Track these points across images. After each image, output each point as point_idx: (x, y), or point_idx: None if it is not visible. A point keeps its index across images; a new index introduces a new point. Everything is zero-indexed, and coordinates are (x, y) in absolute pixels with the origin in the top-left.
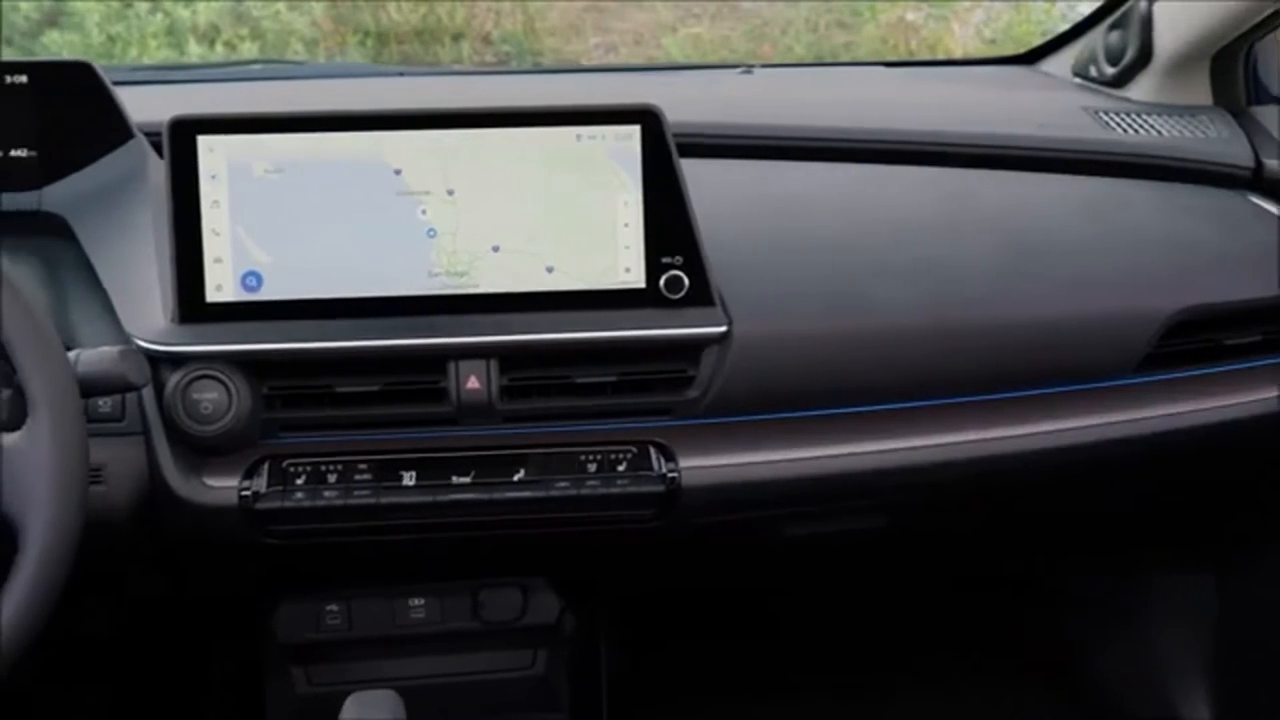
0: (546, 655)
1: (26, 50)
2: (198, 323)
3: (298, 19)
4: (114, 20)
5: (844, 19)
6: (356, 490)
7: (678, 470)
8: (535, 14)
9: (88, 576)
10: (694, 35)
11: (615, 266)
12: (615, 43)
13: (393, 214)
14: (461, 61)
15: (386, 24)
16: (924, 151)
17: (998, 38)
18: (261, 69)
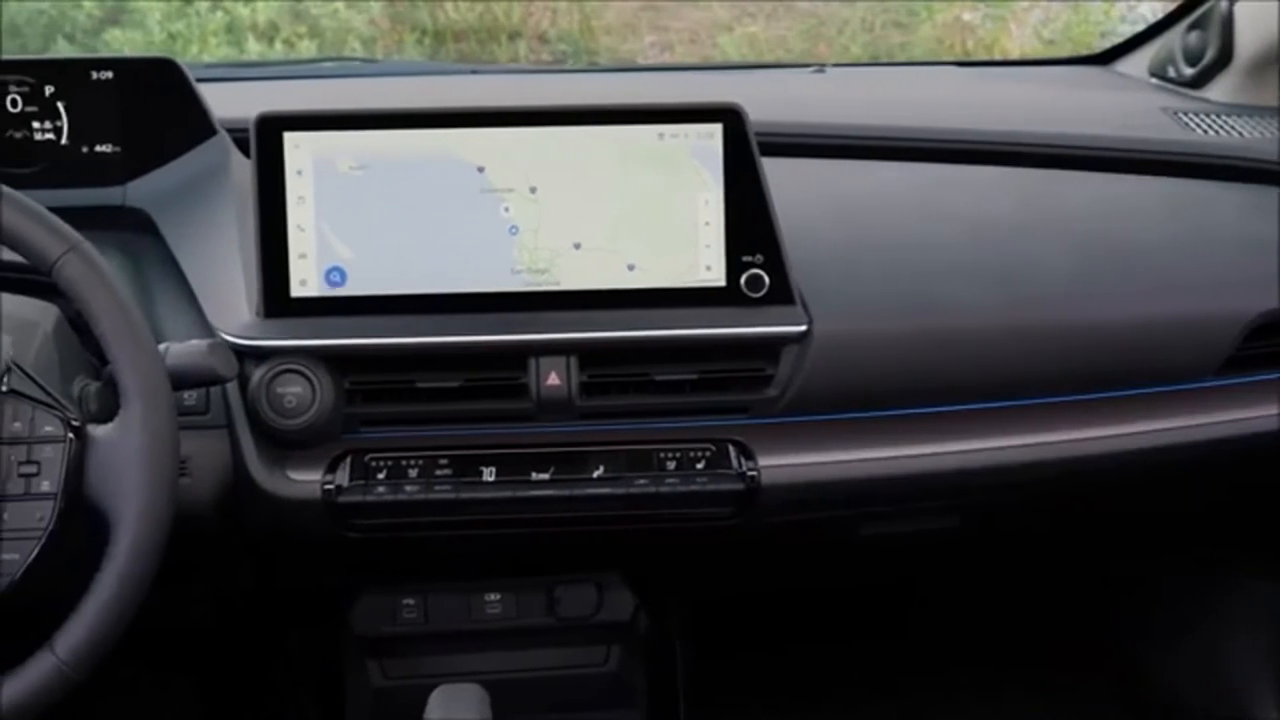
0: (620, 652)
1: (89, 47)
2: (282, 317)
3: (355, 17)
4: (175, 18)
5: (900, 19)
6: (437, 485)
7: (757, 469)
8: (591, 13)
9: (171, 568)
10: (749, 34)
11: (696, 265)
12: (671, 41)
13: (475, 211)
14: (518, 60)
15: (443, 22)
16: (1002, 152)
17: (1056, 38)
18: (334, 66)
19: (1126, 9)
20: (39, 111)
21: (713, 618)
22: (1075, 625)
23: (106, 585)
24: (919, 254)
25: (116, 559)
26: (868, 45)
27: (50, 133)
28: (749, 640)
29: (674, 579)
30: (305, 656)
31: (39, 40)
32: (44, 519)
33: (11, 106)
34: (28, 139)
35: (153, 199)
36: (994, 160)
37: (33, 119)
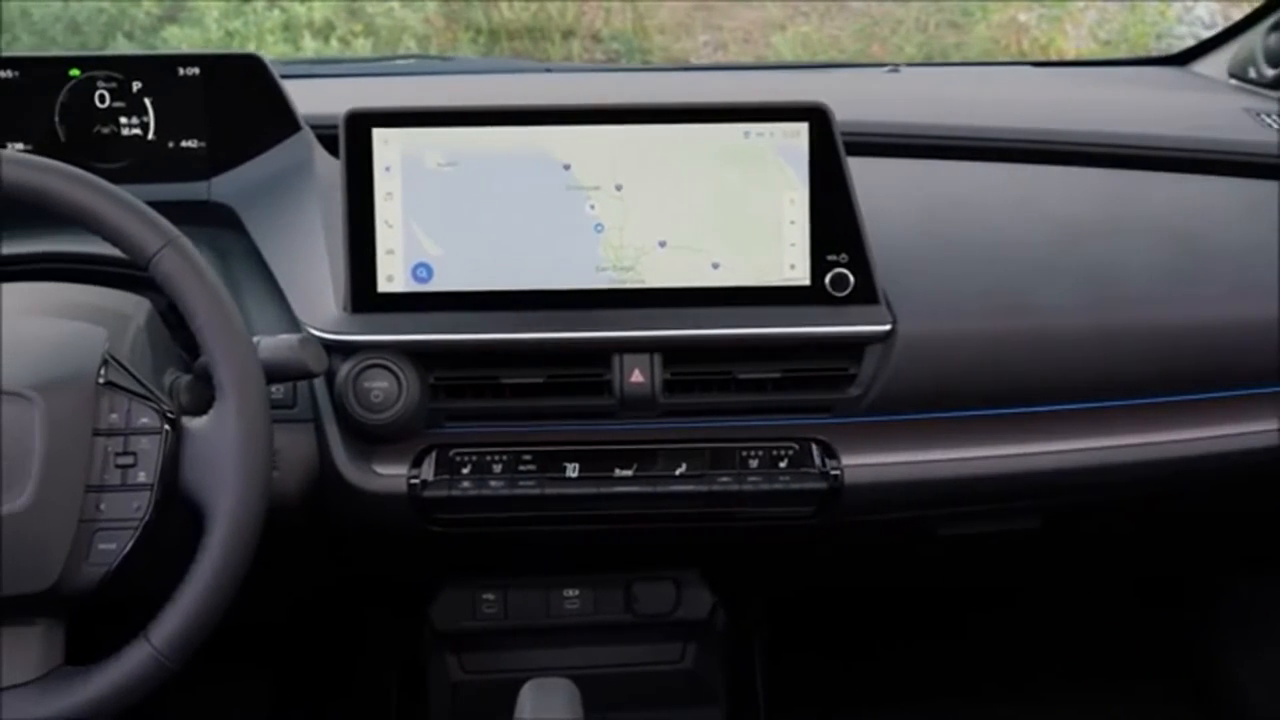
0: (696, 649)
1: (147, 44)
2: (369, 313)
3: (410, 15)
4: (232, 16)
5: (954, 19)
6: (521, 481)
7: (840, 468)
8: (645, 12)
9: (257, 561)
10: (803, 34)
11: (780, 263)
12: (724, 40)
13: (561, 208)
14: (571, 58)
15: (498, 21)
16: (1083, 152)
17: (1112, 39)
18: (409, 64)
19: (1183, 10)
20: (126, 107)
21: (789, 617)
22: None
23: (202, 576)
24: (1003, 254)
25: (212, 550)
26: (922, 45)
27: (137, 128)
28: (825, 640)
29: (752, 577)
30: (387, 651)
31: (98, 38)
32: (140, 509)
33: (99, 102)
34: (115, 134)
35: (237, 194)
36: (1075, 161)
37: (120, 114)
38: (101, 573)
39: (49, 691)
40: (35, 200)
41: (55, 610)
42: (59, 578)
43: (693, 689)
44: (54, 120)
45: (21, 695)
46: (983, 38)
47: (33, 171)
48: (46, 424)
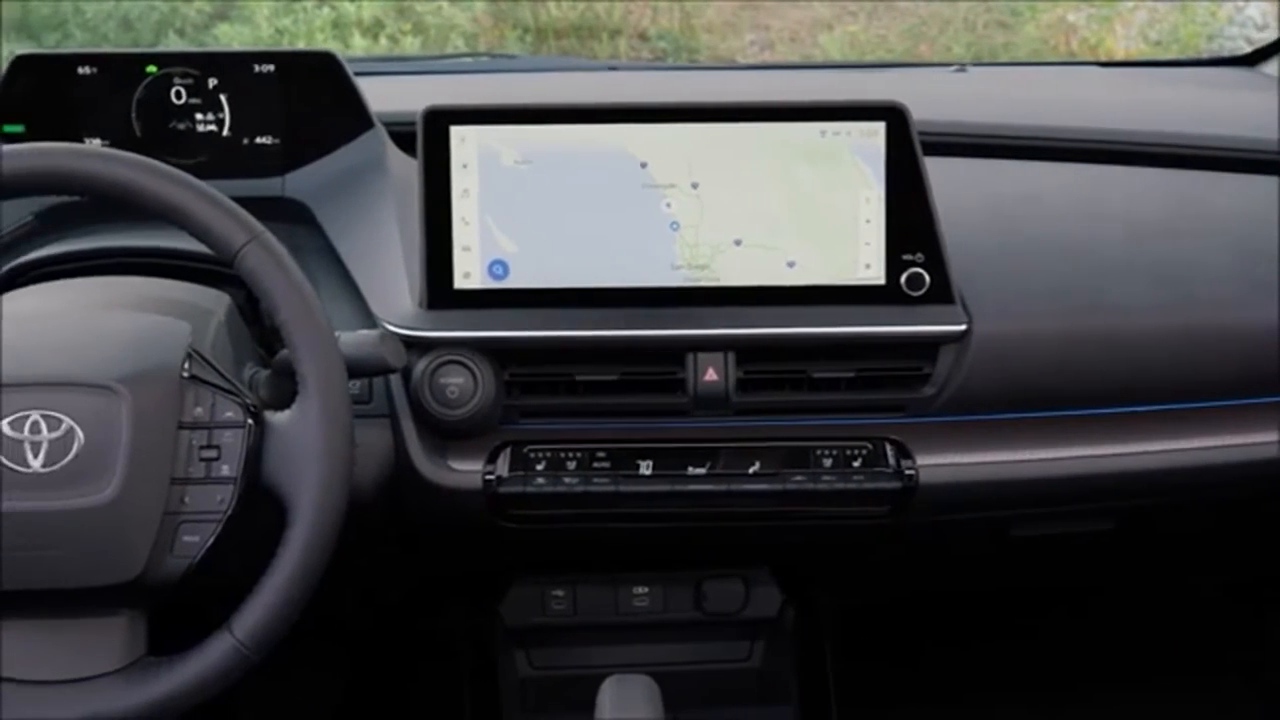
0: (764, 648)
1: (198, 42)
2: (445, 309)
3: (459, 14)
4: (282, 14)
5: (1003, 18)
6: (595, 478)
7: (915, 467)
8: (692, 11)
9: (334, 556)
10: (850, 33)
11: (855, 262)
12: (771, 40)
13: (638, 206)
14: (618, 57)
15: (545, 20)
16: (1152, 153)
17: (1162, 39)
18: (474, 61)
19: (1234, 10)
20: (202, 103)
21: (858, 615)
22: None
23: (283, 569)
24: (1077, 254)
25: (294, 543)
26: (970, 45)
27: (213, 124)
28: (894, 639)
29: (822, 576)
30: (458, 647)
31: (150, 35)
32: (223, 502)
33: (176, 98)
34: (191, 130)
35: (310, 190)
36: (1144, 161)
37: (196, 110)
38: (185, 565)
39: (134, 681)
40: (124, 195)
41: (139, 601)
42: (144, 569)
43: (760, 688)
44: (131, 116)
45: (107, 684)
46: (1031, 38)
47: (122, 167)
48: (132, 417)
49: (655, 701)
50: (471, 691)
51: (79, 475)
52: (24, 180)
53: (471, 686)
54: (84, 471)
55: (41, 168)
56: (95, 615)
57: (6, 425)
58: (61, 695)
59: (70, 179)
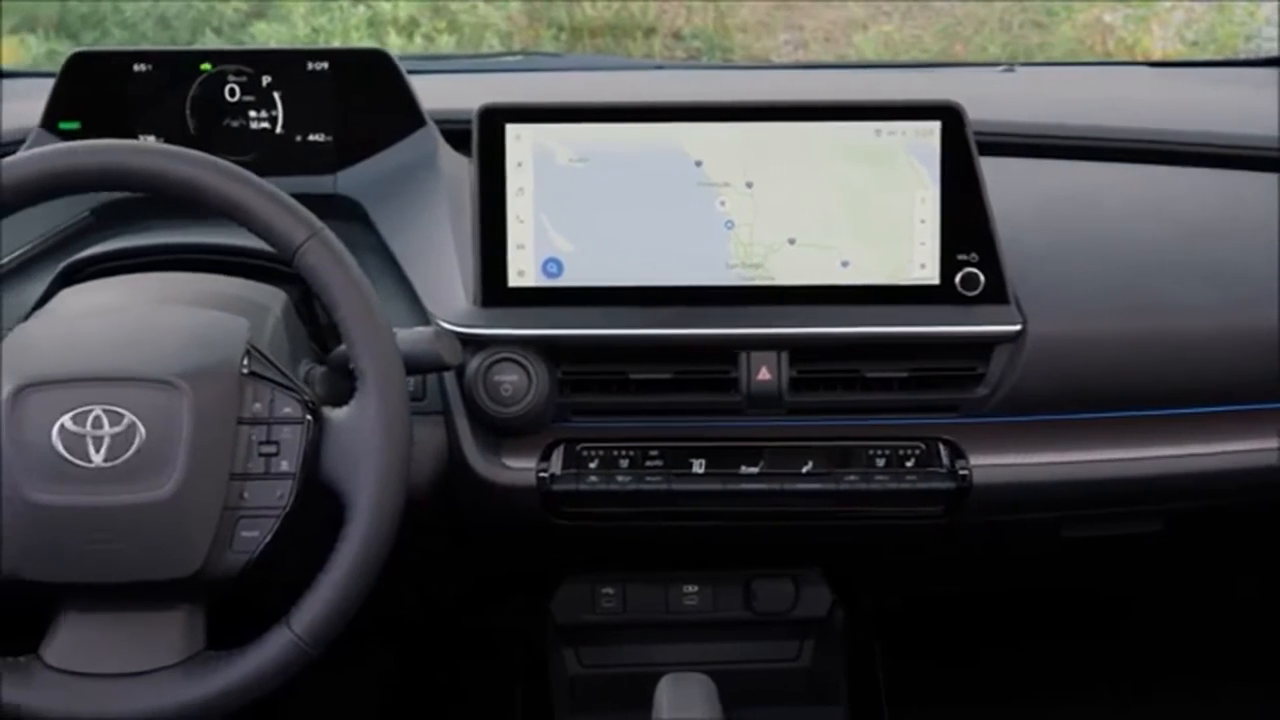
0: (813, 648)
1: (235, 40)
2: (499, 306)
3: (493, 13)
4: (318, 13)
5: (1039, 18)
6: (649, 476)
7: (969, 468)
8: (726, 10)
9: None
10: (885, 33)
11: (910, 262)
12: (805, 39)
13: (692, 205)
14: (653, 56)
15: (580, 19)
16: (1203, 153)
17: (1199, 40)
18: (520, 60)
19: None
20: (256, 101)
21: (906, 614)
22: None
23: (342, 564)
24: (1131, 254)
25: (352, 539)
26: (1006, 45)
27: (266, 121)
28: (943, 639)
29: (871, 576)
30: (507, 643)
31: (187, 33)
32: (282, 498)
33: (229, 96)
34: (244, 127)
35: (362, 188)
36: (1194, 161)
37: (249, 108)
38: (244, 560)
39: (193, 675)
40: (186, 192)
41: (198, 596)
42: (203, 564)
43: (809, 687)
44: (185, 113)
45: (167, 678)
46: (1067, 38)
47: (184, 164)
48: (193, 412)
49: (713, 700)
50: (523, 689)
51: (140, 470)
52: (88, 176)
53: (523, 684)
54: (145, 466)
55: (105, 164)
56: (155, 609)
57: (68, 420)
58: (122, 688)
59: (134, 175)
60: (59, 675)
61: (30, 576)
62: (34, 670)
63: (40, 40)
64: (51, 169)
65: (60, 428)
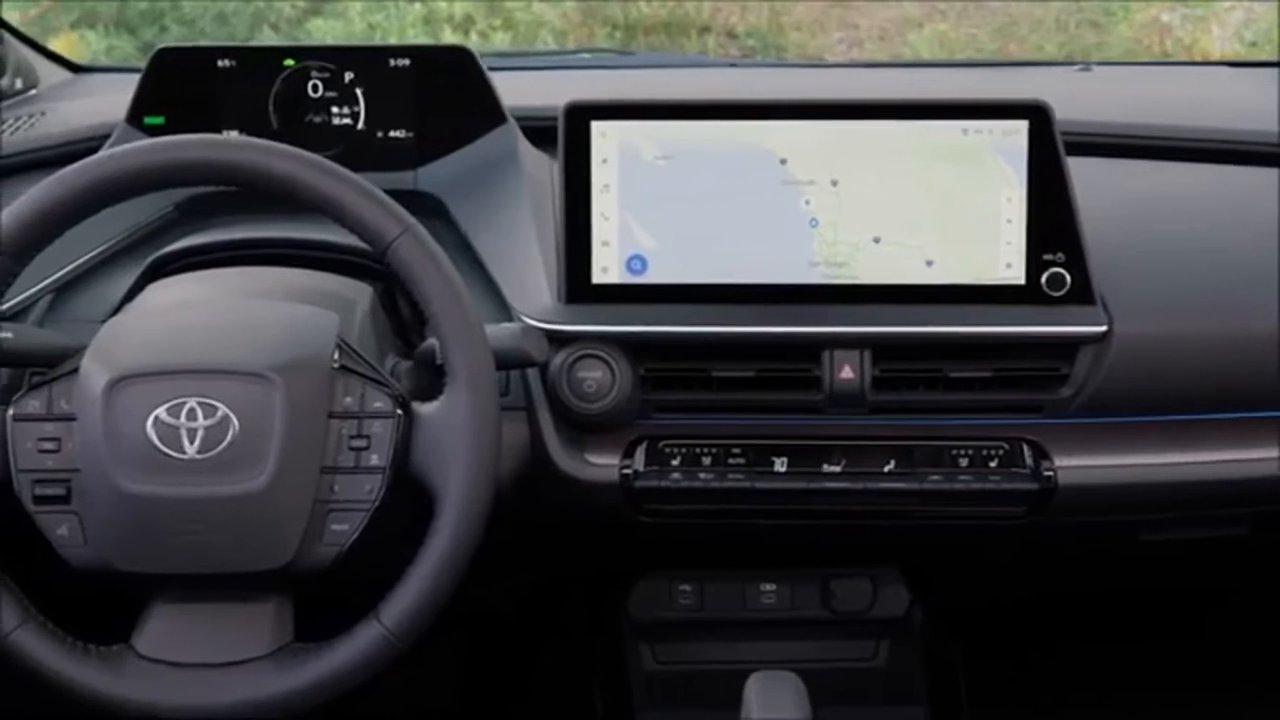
0: (889, 648)
1: (292, 37)
2: (583, 303)
3: (549, 10)
4: (375, 10)
5: (1095, 18)
6: (731, 474)
7: (1053, 468)
8: (780, 9)
9: None
10: (940, 32)
11: (995, 262)
12: (860, 38)
13: (776, 203)
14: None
15: (634, 17)
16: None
17: (1258, 40)
18: (592, 57)
19: None
20: (338, 97)
21: (982, 616)
22: None
23: (431, 559)
24: (1218, 256)
25: (442, 533)
26: (1062, 45)
27: (348, 118)
28: (1021, 640)
29: (949, 576)
30: (583, 638)
31: (245, 30)
32: (372, 492)
33: (312, 92)
34: (326, 123)
35: (443, 184)
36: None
37: (331, 104)
38: (334, 553)
39: (282, 667)
40: (281, 187)
41: (288, 588)
42: (294, 556)
43: (885, 687)
44: (268, 109)
45: (257, 669)
46: (1124, 38)
47: (279, 159)
48: (286, 406)
49: (803, 699)
50: (601, 684)
51: (233, 462)
52: (187, 170)
53: (600, 679)
54: (238, 459)
55: (204, 159)
56: (245, 601)
57: (163, 411)
58: (214, 678)
59: (231, 169)
60: (151, 665)
61: (123, 567)
62: (126, 660)
63: (100, 36)
64: (152, 163)
65: (155, 419)
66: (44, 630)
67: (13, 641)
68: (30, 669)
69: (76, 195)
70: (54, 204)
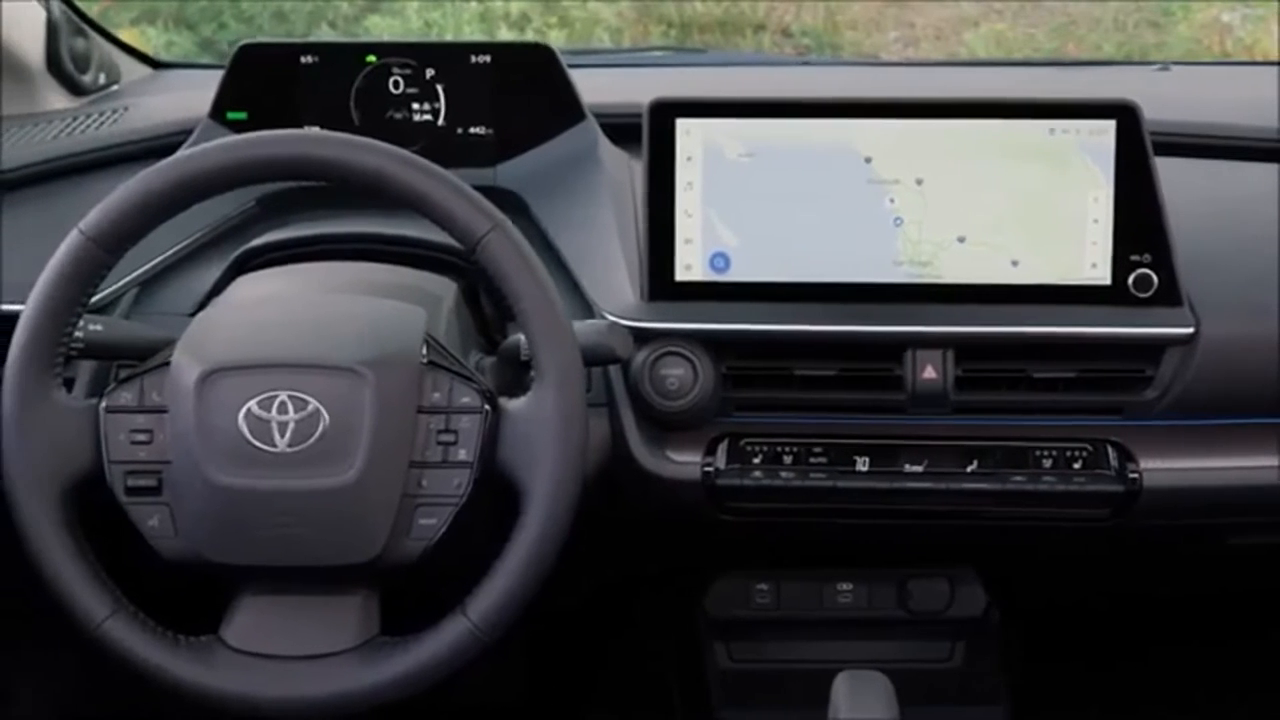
0: (965, 649)
1: (350, 34)
2: (666, 300)
3: (604, 8)
4: (431, 7)
5: (1154, 18)
6: (813, 473)
7: (1138, 470)
8: (835, 8)
9: None
10: (996, 31)
11: (1080, 262)
12: (916, 37)
13: (861, 201)
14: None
15: (689, 15)
16: None
17: None
18: (664, 55)
19: None
20: (419, 93)
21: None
22: None
23: (518, 554)
24: None
25: (529, 529)
26: (1121, 45)
27: (428, 114)
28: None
29: (1027, 577)
30: (659, 635)
31: (303, 26)
32: (460, 486)
33: (393, 88)
34: (407, 119)
35: (522, 181)
36: None
37: (413, 100)
38: (421, 547)
39: (369, 660)
40: (370, 182)
41: (375, 582)
42: (382, 550)
43: (960, 688)
44: (349, 104)
45: (345, 662)
46: (1184, 38)
47: (369, 154)
48: (376, 400)
49: (891, 699)
50: (679, 682)
51: (323, 456)
52: (279, 165)
53: (678, 678)
54: (328, 452)
55: (296, 154)
56: (332, 594)
57: (254, 404)
58: (302, 671)
59: (321, 164)
60: (241, 656)
61: (213, 558)
62: (216, 651)
63: (159, 32)
64: (246, 158)
65: (246, 412)
66: (135, 620)
67: (105, 631)
68: (122, 658)
69: (172, 189)
70: (150, 197)
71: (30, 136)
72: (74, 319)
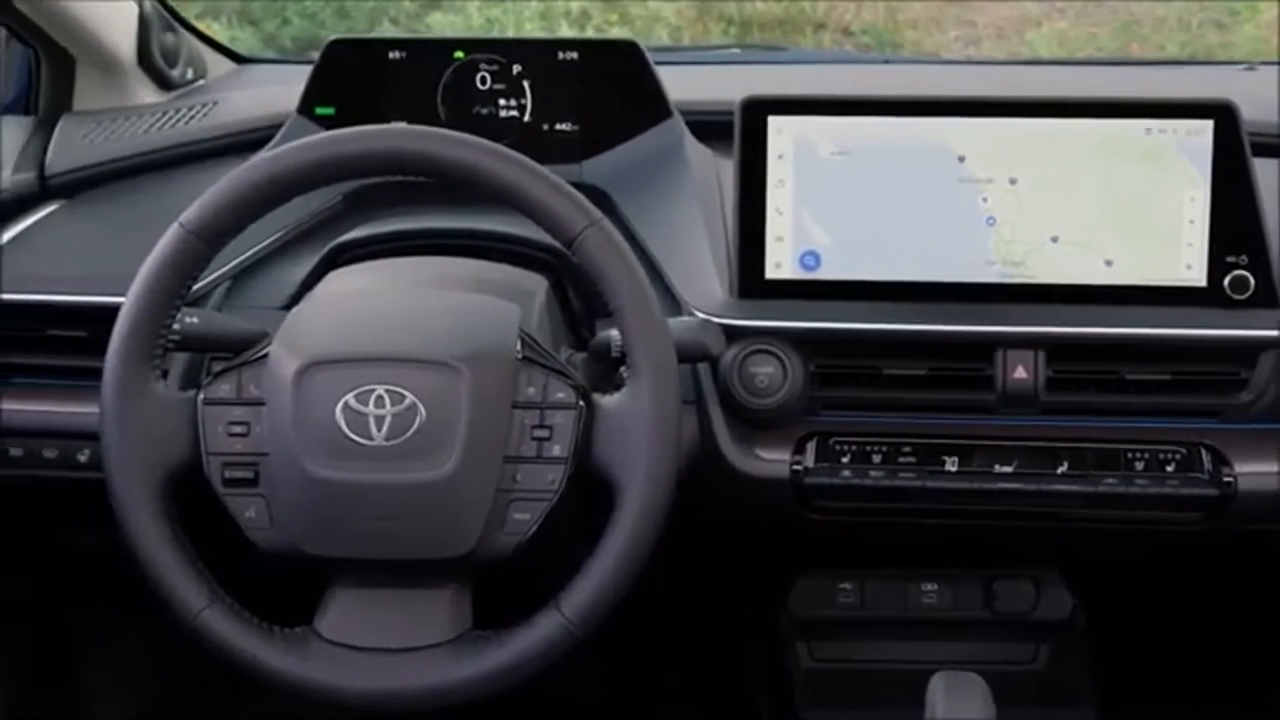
0: (1049, 651)
1: (411, 30)
2: (756, 298)
3: (664, 6)
4: (492, 4)
5: (1220, 18)
6: (902, 473)
7: (1233, 474)
8: (896, 6)
9: None
10: (1059, 30)
11: (1176, 263)
12: (978, 36)
13: (953, 201)
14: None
15: (749, 13)
16: None
17: None
18: (743, 53)
19: None
20: (506, 89)
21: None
22: None
23: (612, 550)
24: None
25: (623, 525)
26: (1185, 44)
27: (515, 110)
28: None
29: (1114, 580)
30: (740, 633)
31: (365, 23)
32: (554, 482)
33: (480, 84)
34: (493, 115)
35: (608, 177)
36: None
37: (499, 96)
38: (515, 542)
39: (463, 654)
40: (467, 177)
41: (468, 576)
42: (476, 544)
43: (1044, 690)
44: (437, 100)
45: (437, 655)
46: (1250, 37)
47: (467, 150)
48: (471, 395)
49: (987, 700)
50: (764, 681)
51: (419, 450)
52: (374, 160)
53: (762, 676)
54: (424, 446)
55: (391, 148)
56: (426, 587)
57: (352, 398)
58: (395, 664)
59: (416, 159)
60: (334, 648)
61: (308, 550)
62: (310, 642)
63: (223, 28)
64: (344, 153)
65: (344, 405)
66: (231, 611)
67: (202, 620)
68: (218, 648)
69: (270, 183)
70: (250, 190)
71: (122, 130)
72: (173, 311)
